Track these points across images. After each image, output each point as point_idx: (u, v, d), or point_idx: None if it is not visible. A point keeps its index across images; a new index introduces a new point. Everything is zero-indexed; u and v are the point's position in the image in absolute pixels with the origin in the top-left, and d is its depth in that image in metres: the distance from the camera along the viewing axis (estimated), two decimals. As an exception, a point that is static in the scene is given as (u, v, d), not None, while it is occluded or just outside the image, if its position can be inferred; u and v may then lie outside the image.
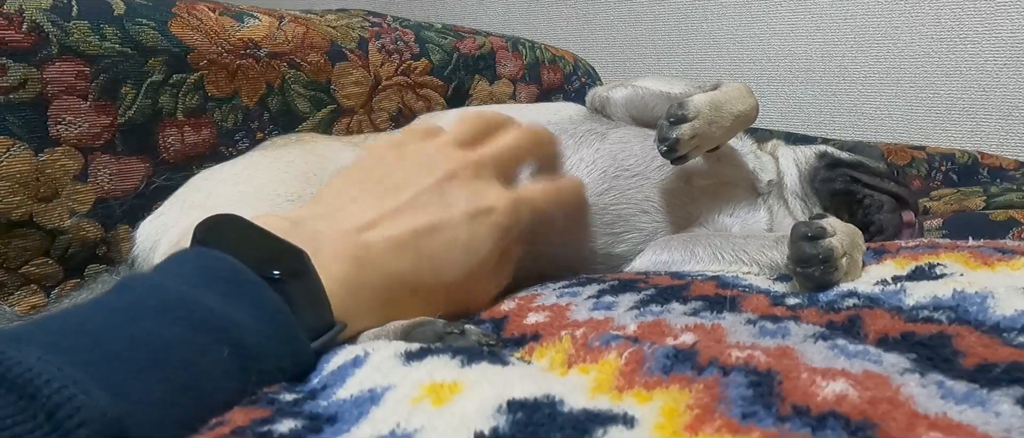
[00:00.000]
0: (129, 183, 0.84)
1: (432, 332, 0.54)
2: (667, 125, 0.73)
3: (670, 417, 0.37)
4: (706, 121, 0.74)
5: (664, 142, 0.73)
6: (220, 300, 0.43)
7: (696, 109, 0.73)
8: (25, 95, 0.77)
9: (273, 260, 0.48)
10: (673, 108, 0.73)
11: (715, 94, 0.76)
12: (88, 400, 0.34)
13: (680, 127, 0.73)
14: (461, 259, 0.61)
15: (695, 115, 0.73)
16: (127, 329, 0.40)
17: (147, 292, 0.43)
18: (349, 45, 1.05)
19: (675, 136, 0.72)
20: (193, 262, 0.47)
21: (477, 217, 0.62)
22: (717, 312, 0.54)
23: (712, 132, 0.75)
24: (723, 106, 0.76)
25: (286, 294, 0.47)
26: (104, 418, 0.34)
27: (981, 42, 1.59)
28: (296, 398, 0.44)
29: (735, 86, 0.79)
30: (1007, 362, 0.40)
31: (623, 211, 0.79)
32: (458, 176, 0.64)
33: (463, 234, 0.61)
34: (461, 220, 0.61)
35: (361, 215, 0.58)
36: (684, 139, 0.73)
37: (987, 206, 1.15)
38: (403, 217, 0.59)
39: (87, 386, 0.34)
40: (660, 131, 0.74)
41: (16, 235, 0.77)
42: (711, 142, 0.77)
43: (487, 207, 0.63)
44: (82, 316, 0.41)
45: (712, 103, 0.75)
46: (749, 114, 0.79)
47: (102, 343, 0.38)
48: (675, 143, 0.73)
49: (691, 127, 0.73)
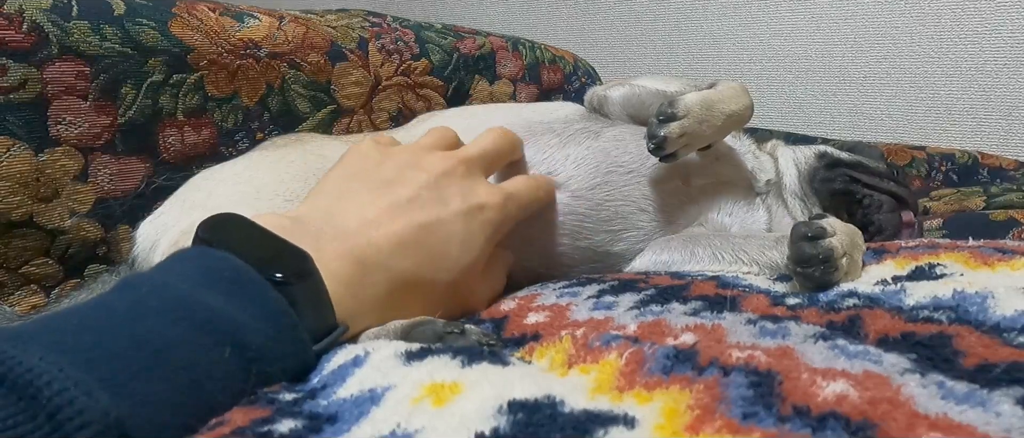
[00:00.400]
0: (129, 183, 0.84)
1: (432, 332, 0.54)
2: (656, 122, 0.74)
3: (670, 417, 0.37)
4: (696, 120, 0.74)
5: (652, 139, 0.73)
6: (222, 300, 0.43)
7: (686, 108, 0.74)
8: (25, 95, 0.77)
9: (276, 260, 0.48)
10: (664, 106, 0.74)
11: (708, 93, 0.77)
12: (90, 401, 0.34)
13: (669, 125, 0.73)
14: (457, 255, 0.62)
15: (685, 114, 0.73)
16: (129, 329, 0.40)
17: (149, 291, 0.43)
18: (349, 45, 1.05)
19: (663, 134, 0.73)
20: (195, 261, 0.47)
21: (471, 214, 0.64)
22: (717, 312, 0.54)
23: (702, 131, 0.75)
24: (715, 105, 0.76)
25: (289, 295, 0.46)
26: (106, 419, 0.34)
27: (981, 42, 1.59)
28: (296, 397, 0.44)
29: (730, 85, 0.79)
30: (1007, 362, 0.40)
31: (620, 208, 0.79)
32: (451, 173, 0.65)
33: (459, 230, 0.62)
34: (457, 216, 0.63)
35: (361, 212, 0.58)
36: (672, 137, 0.73)
37: (987, 206, 1.15)
38: (404, 214, 0.60)
39: (89, 387, 0.34)
40: (649, 128, 0.74)
41: (16, 235, 0.77)
42: (702, 141, 0.77)
43: (479, 204, 0.65)
44: (84, 316, 0.41)
45: (704, 102, 0.75)
46: (742, 114, 0.79)
47: (104, 343, 0.38)
48: (663, 141, 0.73)
49: (680, 126, 0.73)
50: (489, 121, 0.84)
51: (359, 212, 0.58)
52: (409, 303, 0.58)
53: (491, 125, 0.82)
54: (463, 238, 0.62)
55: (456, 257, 0.62)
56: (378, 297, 0.56)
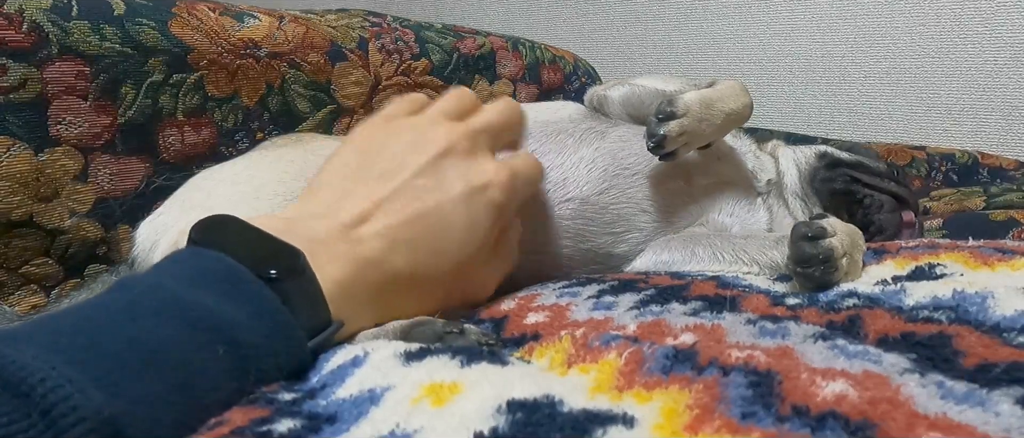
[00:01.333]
0: (129, 183, 0.84)
1: (431, 332, 0.53)
2: (655, 121, 0.74)
3: (670, 417, 0.37)
4: (696, 118, 0.74)
5: (652, 138, 0.73)
6: (216, 299, 0.43)
7: (685, 106, 0.74)
8: (25, 95, 0.77)
9: (269, 259, 0.48)
10: (663, 105, 0.74)
11: (707, 92, 0.77)
12: (83, 399, 0.34)
13: (668, 124, 0.73)
14: (460, 241, 0.60)
15: (684, 112, 0.73)
16: (123, 329, 0.40)
17: (143, 292, 0.43)
18: (349, 45, 1.05)
19: (662, 133, 0.73)
20: (189, 262, 0.47)
21: (473, 195, 0.60)
22: (717, 312, 0.54)
23: (702, 130, 0.75)
24: (715, 104, 0.76)
25: (283, 293, 0.46)
26: (99, 416, 0.34)
27: (981, 42, 1.59)
28: (295, 397, 0.44)
29: (730, 84, 0.79)
30: (1007, 362, 0.40)
31: (623, 211, 0.79)
32: (453, 151, 0.61)
33: (461, 216, 0.60)
34: (458, 201, 0.59)
35: (354, 208, 0.57)
36: (671, 136, 0.73)
37: (987, 206, 1.15)
38: (396, 205, 0.58)
39: (83, 385, 0.34)
40: (649, 127, 0.74)
41: (16, 235, 0.77)
42: (701, 139, 0.77)
43: (483, 184, 0.61)
44: (79, 316, 0.41)
45: (703, 100, 0.75)
46: (742, 113, 0.79)
47: (98, 342, 0.38)
48: (662, 139, 0.73)
49: (679, 124, 0.73)
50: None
51: (353, 207, 0.57)
52: (408, 298, 0.58)
53: None
54: (466, 224, 0.60)
55: (458, 245, 0.60)
56: (374, 295, 0.55)
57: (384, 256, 0.56)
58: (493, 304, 0.65)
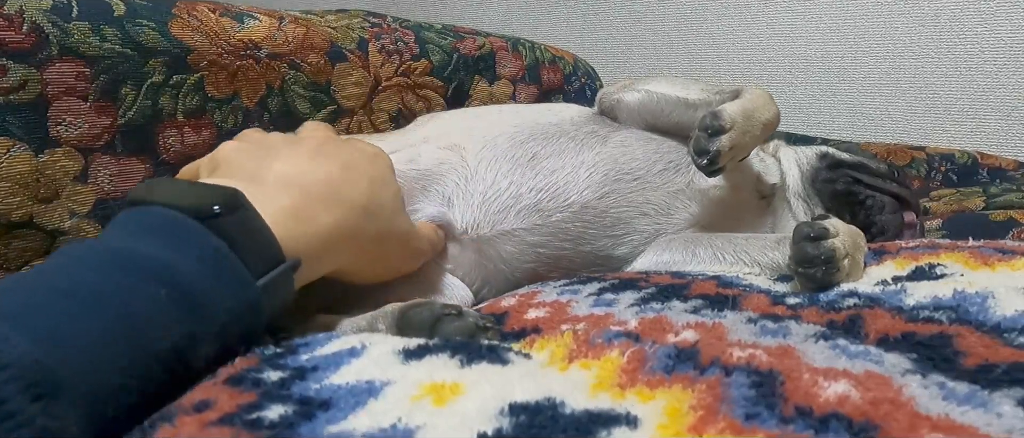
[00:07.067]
0: (129, 184, 0.84)
1: (429, 312, 0.54)
2: (705, 137, 0.70)
3: (673, 417, 0.37)
4: (741, 131, 0.71)
5: (703, 155, 0.70)
6: (154, 246, 0.45)
7: (731, 119, 0.70)
8: (25, 96, 0.77)
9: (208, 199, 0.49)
10: (708, 119, 0.70)
11: (744, 102, 0.74)
12: (7, 346, 0.35)
13: (719, 139, 0.69)
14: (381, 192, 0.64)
15: (731, 125, 0.70)
16: (58, 282, 0.42)
17: (83, 251, 0.45)
18: (349, 46, 1.05)
19: (715, 148, 0.69)
20: (124, 219, 0.48)
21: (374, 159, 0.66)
22: (718, 310, 0.54)
23: (745, 142, 0.72)
24: (753, 115, 0.73)
25: (228, 237, 0.47)
26: (23, 362, 0.35)
27: (981, 42, 1.59)
28: (283, 377, 0.44)
29: (759, 93, 0.77)
30: (1008, 363, 0.40)
31: (623, 214, 0.78)
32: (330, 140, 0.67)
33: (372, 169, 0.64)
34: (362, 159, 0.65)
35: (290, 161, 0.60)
36: (724, 151, 0.69)
37: (987, 206, 1.15)
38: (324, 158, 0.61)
39: (6, 334, 0.36)
40: (697, 143, 0.70)
41: (16, 236, 0.77)
42: (743, 152, 0.74)
43: (375, 151, 0.67)
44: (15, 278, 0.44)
45: (744, 112, 0.72)
46: (773, 122, 0.77)
47: (31, 296, 0.40)
48: (716, 156, 0.69)
49: (729, 138, 0.70)
50: (492, 122, 0.84)
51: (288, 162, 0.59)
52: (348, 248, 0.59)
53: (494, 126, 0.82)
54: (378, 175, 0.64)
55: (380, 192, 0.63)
56: (324, 233, 0.56)
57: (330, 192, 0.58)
58: (494, 301, 0.66)
